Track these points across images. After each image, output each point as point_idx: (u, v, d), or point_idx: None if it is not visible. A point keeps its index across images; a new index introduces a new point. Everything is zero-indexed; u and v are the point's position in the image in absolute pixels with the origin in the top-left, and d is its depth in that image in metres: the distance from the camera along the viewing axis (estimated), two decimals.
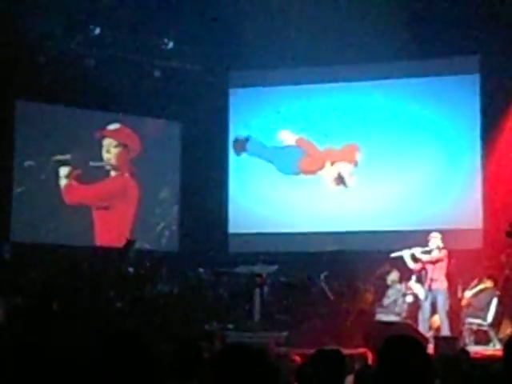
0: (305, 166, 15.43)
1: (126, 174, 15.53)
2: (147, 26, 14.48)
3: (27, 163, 14.47)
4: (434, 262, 12.22)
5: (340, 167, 15.22)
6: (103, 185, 15.36)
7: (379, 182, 14.86)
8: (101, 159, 15.24)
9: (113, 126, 15.39)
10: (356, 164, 15.11)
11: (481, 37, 13.78)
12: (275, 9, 13.97)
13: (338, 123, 15.27)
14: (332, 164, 15.24)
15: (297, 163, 15.48)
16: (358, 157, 15.05)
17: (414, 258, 12.45)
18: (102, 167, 15.24)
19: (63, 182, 14.88)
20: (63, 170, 14.82)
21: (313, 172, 15.36)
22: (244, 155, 15.73)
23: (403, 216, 14.61)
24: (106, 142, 15.34)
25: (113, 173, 15.43)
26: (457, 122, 14.63)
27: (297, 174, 15.44)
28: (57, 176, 14.79)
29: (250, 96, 15.81)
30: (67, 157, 14.83)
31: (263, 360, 2.64)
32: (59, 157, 14.76)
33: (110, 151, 15.33)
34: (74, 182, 14.92)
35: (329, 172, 15.27)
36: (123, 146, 15.48)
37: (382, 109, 15.01)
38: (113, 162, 15.40)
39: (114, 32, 14.48)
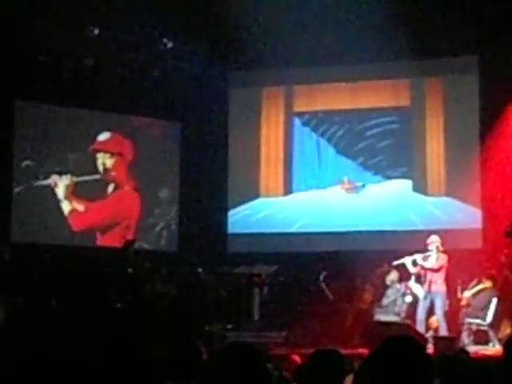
0: None
1: (126, 188, 15.37)
2: (146, 26, 14.46)
3: (26, 164, 14.45)
4: (435, 270, 12.25)
5: None
6: (104, 208, 15.12)
7: (378, 182, 14.87)
8: (97, 172, 15.12)
9: (103, 137, 15.13)
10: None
11: (479, 37, 13.77)
12: (275, 8, 13.96)
13: (338, 121, 15.27)
14: None
15: None
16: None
17: (415, 264, 12.48)
18: (98, 180, 15.10)
19: (66, 207, 14.72)
20: (61, 187, 14.67)
21: None
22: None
23: (402, 216, 14.61)
24: (100, 155, 15.13)
25: (111, 187, 15.24)
26: (456, 122, 14.61)
27: None
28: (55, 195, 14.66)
29: (251, 96, 15.79)
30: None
31: (261, 360, 2.64)
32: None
33: (106, 163, 15.17)
34: (76, 207, 14.74)
35: None
36: (118, 154, 15.36)
37: (381, 109, 15.01)
38: (112, 173, 15.23)
39: (113, 32, 14.45)
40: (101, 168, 15.12)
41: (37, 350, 3.08)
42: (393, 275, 12.93)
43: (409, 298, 12.67)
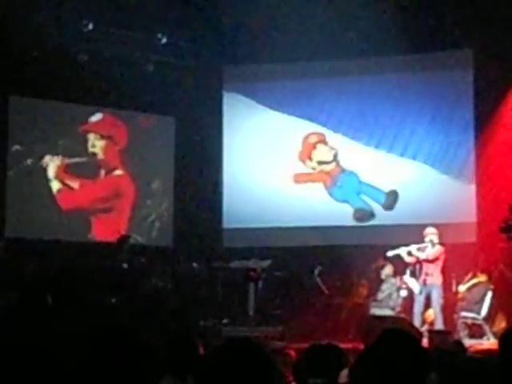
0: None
1: (119, 172, 15.34)
2: (140, 20, 14.44)
3: (22, 161, 14.42)
4: (430, 261, 12.26)
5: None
6: (96, 188, 15.09)
7: (373, 176, 14.88)
8: (87, 154, 15.12)
9: (95, 118, 15.13)
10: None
11: (474, 31, 13.76)
12: (269, 3, 13.95)
13: (333, 117, 15.26)
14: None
15: None
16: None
17: (410, 255, 12.48)
18: (88, 163, 15.06)
19: (55, 185, 14.73)
20: (51, 168, 14.66)
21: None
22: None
23: (397, 210, 14.61)
24: (90, 136, 15.14)
25: (102, 171, 15.24)
26: (450, 116, 14.61)
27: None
28: (46, 177, 14.67)
29: (244, 91, 15.78)
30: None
31: (261, 354, 2.63)
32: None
33: (96, 145, 15.14)
34: (67, 185, 14.76)
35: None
36: (108, 138, 15.33)
37: (376, 104, 14.99)
38: (100, 156, 15.23)
39: (107, 27, 14.43)
40: (91, 150, 15.10)
41: (31, 346, 3.07)
42: (388, 269, 12.94)
43: (404, 293, 12.68)
